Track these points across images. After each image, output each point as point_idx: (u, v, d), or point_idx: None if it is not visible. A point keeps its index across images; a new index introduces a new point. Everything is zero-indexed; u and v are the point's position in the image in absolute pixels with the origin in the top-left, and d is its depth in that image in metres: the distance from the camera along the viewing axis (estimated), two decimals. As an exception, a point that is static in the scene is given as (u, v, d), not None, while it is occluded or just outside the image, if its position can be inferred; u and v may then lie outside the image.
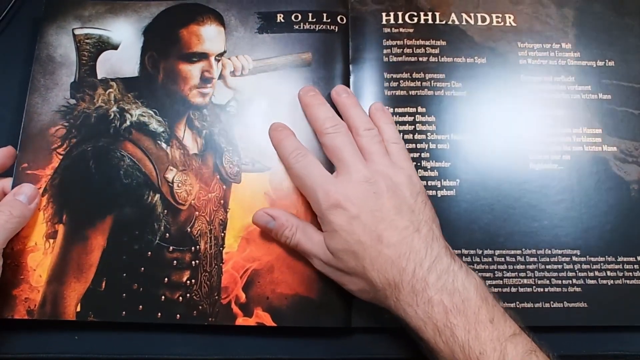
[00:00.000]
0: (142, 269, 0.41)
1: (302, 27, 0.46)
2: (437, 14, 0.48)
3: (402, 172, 0.39)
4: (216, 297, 0.40)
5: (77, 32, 0.46)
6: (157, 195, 0.42)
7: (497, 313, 0.34)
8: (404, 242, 0.36)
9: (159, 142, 0.44)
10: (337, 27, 0.46)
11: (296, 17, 0.46)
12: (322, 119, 0.41)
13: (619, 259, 0.42)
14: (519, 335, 0.34)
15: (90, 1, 0.47)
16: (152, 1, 0.47)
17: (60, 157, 0.43)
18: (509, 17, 0.48)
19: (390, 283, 0.35)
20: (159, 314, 0.40)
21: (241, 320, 0.40)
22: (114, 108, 0.44)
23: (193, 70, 0.45)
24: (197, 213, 0.42)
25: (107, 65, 0.45)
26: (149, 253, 0.41)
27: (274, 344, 0.41)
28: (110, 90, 0.44)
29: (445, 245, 0.37)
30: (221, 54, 0.46)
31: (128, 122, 0.44)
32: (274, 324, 0.40)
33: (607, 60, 0.47)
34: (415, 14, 0.48)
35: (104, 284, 0.40)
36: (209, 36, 0.46)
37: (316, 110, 0.42)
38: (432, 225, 0.37)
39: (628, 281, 0.42)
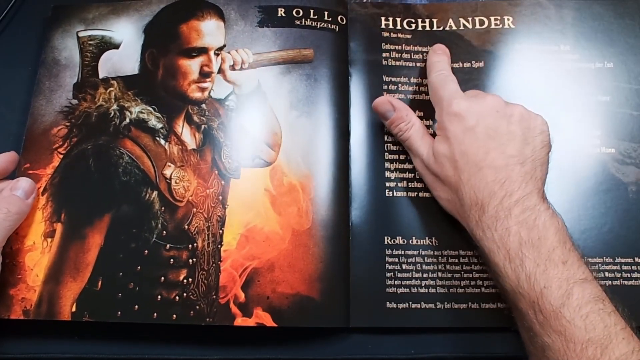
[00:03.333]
0: (139, 267, 0.38)
1: (303, 23, 0.44)
2: (435, 21, 0.46)
3: (543, 120, 0.37)
4: (214, 297, 0.37)
5: (81, 34, 0.45)
6: (155, 193, 0.40)
7: (572, 257, 0.33)
8: (504, 169, 0.35)
9: (157, 138, 0.41)
10: (337, 27, 0.44)
11: (297, 13, 0.44)
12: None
13: (617, 260, 0.40)
14: (589, 282, 0.32)
15: (94, 3, 0.46)
16: (153, -1, 0.45)
17: (61, 156, 0.41)
18: (508, 19, 0.46)
19: (477, 202, 0.35)
20: (155, 314, 0.37)
21: (240, 321, 0.37)
22: (114, 106, 0.42)
23: (192, 65, 0.43)
24: (194, 210, 0.39)
25: (109, 64, 0.44)
26: (146, 251, 0.38)
27: (273, 344, 0.38)
28: (111, 88, 0.43)
29: (540, 188, 0.35)
30: (220, 48, 0.43)
31: (127, 120, 0.42)
32: (274, 325, 0.37)
33: (605, 62, 0.45)
34: (413, 20, 0.46)
35: (100, 284, 0.38)
36: (208, 31, 0.44)
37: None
38: (537, 166, 0.36)
39: (626, 282, 0.40)
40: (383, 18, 0.45)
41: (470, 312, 0.38)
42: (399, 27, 0.45)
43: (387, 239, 0.40)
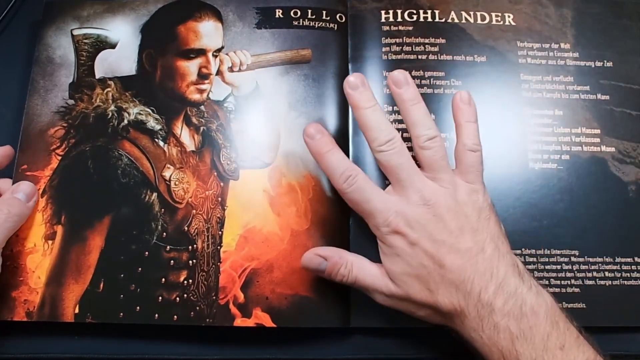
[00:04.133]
0: (140, 269, 0.39)
1: (301, 24, 0.45)
2: (437, 12, 0.46)
3: (464, 188, 0.36)
4: (214, 298, 0.39)
5: (75, 32, 0.45)
6: (154, 194, 0.41)
7: (569, 338, 0.32)
8: (467, 265, 0.33)
9: (156, 140, 0.42)
10: (336, 26, 0.45)
11: (295, 13, 0.45)
12: (375, 130, 0.36)
13: (617, 260, 0.41)
14: None
15: (89, 1, 0.46)
16: (149, -1, 0.46)
17: (59, 157, 0.42)
18: (509, 17, 0.47)
19: (455, 307, 0.33)
20: (156, 315, 0.38)
21: (240, 321, 0.38)
22: (112, 107, 0.43)
23: (190, 67, 0.44)
24: (194, 211, 0.41)
25: (105, 64, 0.44)
26: (146, 253, 0.39)
27: (272, 345, 0.40)
28: (108, 89, 0.43)
29: (513, 262, 0.34)
30: (219, 50, 0.44)
31: (126, 121, 0.42)
32: (273, 325, 0.38)
33: (605, 61, 0.46)
34: (415, 11, 0.46)
35: (101, 285, 0.39)
36: (206, 32, 0.44)
37: (368, 117, 0.36)
38: (497, 243, 0.34)
39: (626, 282, 0.41)
40: (383, 12, 0.46)
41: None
42: (399, 19, 0.46)
43: (387, 238, 0.41)
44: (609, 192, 0.42)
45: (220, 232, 0.40)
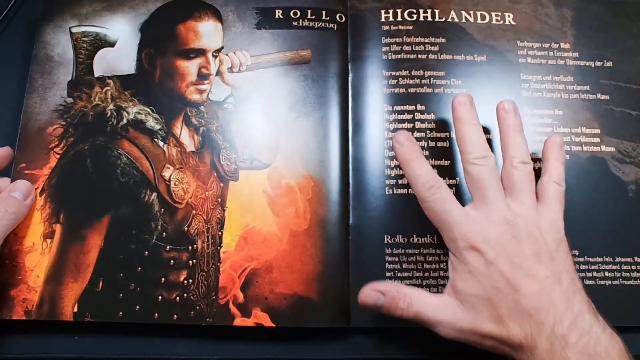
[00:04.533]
0: (139, 268, 0.40)
1: (300, 24, 0.45)
2: (437, 11, 0.47)
3: (547, 217, 0.36)
4: (214, 297, 0.39)
5: (74, 30, 0.45)
6: (154, 194, 0.41)
7: None
8: (543, 293, 0.33)
9: (155, 139, 0.42)
10: (336, 26, 0.45)
11: (295, 14, 0.45)
12: (472, 144, 0.37)
13: (617, 260, 0.42)
14: None
15: None
16: (149, -3, 0.46)
17: (58, 156, 0.42)
18: (508, 16, 0.47)
19: (527, 337, 0.33)
20: (156, 315, 0.39)
21: (239, 321, 0.39)
22: (111, 106, 0.43)
23: (190, 67, 0.44)
24: (194, 212, 0.41)
25: (104, 62, 0.44)
26: (146, 252, 0.40)
27: (272, 344, 0.40)
28: (107, 88, 0.43)
29: (587, 300, 0.34)
30: (219, 50, 0.45)
31: (125, 120, 0.43)
32: (272, 325, 0.39)
33: (605, 61, 0.46)
34: (415, 11, 0.47)
35: (100, 284, 0.39)
36: (206, 32, 0.45)
37: (468, 131, 0.38)
38: (573, 277, 0.34)
39: (625, 282, 0.41)
40: (383, 11, 0.46)
41: (470, 311, 0.40)
42: (399, 18, 0.46)
43: (387, 237, 0.41)
44: (608, 192, 0.43)
45: (220, 233, 0.41)
